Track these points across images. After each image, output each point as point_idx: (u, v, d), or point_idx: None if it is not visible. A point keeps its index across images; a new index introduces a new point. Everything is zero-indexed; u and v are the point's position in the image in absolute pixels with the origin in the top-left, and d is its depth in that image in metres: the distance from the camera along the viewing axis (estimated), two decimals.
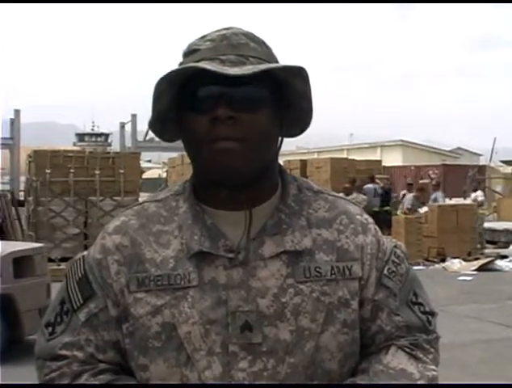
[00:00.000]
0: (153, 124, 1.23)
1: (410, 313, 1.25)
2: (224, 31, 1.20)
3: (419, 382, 1.19)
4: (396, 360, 1.21)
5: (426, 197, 16.94)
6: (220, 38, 1.18)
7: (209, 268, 1.18)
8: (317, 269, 1.19)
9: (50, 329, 1.25)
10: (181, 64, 1.19)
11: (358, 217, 1.27)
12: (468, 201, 17.09)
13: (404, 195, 16.59)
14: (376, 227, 1.30)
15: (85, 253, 1.30)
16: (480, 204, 16.59)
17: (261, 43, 1.21)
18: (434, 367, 1.23)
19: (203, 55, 1.16)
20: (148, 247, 1.21)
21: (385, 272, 1.25)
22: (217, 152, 1.14)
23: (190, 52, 1.19)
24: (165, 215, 1.25)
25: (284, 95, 1.21)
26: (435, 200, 16.33)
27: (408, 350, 1.22)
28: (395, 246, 1.30)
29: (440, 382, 1.26)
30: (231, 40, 1.18)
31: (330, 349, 1.17)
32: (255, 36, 1.21)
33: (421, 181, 18.23)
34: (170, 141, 1.30)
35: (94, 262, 1.24)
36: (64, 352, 1.22)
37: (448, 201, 17.36)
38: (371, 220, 1.30)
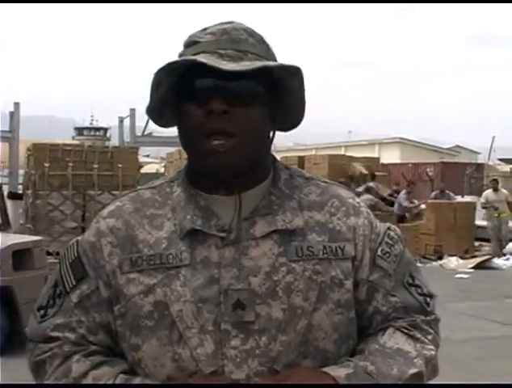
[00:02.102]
0: (151, 111, 1.25)
1: (407, 293, 1.26)
2: (225, 26, 1.21)
3: (415, 360, 1.19)
4: (393, 340, 1.21)
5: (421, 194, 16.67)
6: (220, 32, 1.20)
7: (202, 247, 1.19)
8: (310, 248, 1.20)
9: (42, 312, 1.26)
10: (181, 55, 1.21)
11: (350, 200, 1.29)
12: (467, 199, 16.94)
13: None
14: (369, 210, 1.31)
15: (79, 238, 1.31)
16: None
17: (260, 39, 1.23)
18: (432, 347, 1.23)
19: (203, 48, 1.18)
20: (142, 229, 1.23)
21: (379, 252, 1.26)
22: (212, 148, 1.16)
23: (190, 44, 1.21)
24: (160, 200, 1.27)
25: (279, 92, 1.23)
26: (449, 197, 16.12)
27: (405, 331, 1.23)
28: (388, 228, 1.30)
29: (437, 379, 1.25)
30: (231, 34, 1.20)
31: (324, 328, 1.18)
32: (255, 32, 1.23)
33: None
34: (166, 127, 1.32)
35: (87, 245, 1.26)
36: (55, 334, 1.22)
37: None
38: (363, 204, 1.31)
